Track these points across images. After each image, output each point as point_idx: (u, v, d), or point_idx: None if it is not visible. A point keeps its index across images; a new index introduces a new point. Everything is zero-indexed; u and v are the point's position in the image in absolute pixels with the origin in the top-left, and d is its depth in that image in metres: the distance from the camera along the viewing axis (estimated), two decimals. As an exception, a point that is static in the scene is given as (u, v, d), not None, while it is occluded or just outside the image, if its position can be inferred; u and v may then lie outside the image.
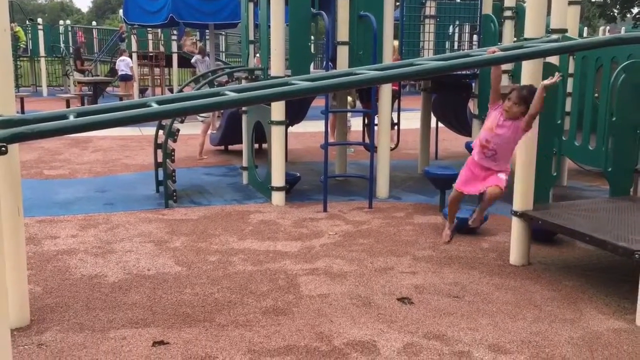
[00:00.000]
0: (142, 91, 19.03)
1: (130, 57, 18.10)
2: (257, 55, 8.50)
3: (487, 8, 8.02)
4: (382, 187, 7.43)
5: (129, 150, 10.82)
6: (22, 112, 13.91)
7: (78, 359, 3.44)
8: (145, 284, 4.59)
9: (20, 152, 3.93)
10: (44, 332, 3.77)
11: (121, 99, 16.19)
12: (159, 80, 19.53)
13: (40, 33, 21.92)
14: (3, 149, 2.47)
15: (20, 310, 3.83)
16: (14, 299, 3.65)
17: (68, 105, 15.25)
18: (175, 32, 19.47)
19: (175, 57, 19.88)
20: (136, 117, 3.31)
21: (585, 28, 23.40)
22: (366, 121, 9.30)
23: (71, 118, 3.18)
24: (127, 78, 17.57)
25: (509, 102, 3.91)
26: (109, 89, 20.43)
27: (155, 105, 3.37)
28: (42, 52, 21.81)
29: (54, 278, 4.68)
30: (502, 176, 4.00)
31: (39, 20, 23.99)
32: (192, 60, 16.76)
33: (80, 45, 22.08)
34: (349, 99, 9.99)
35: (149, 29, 18.69)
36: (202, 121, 10.08)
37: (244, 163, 8.17)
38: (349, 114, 9.75)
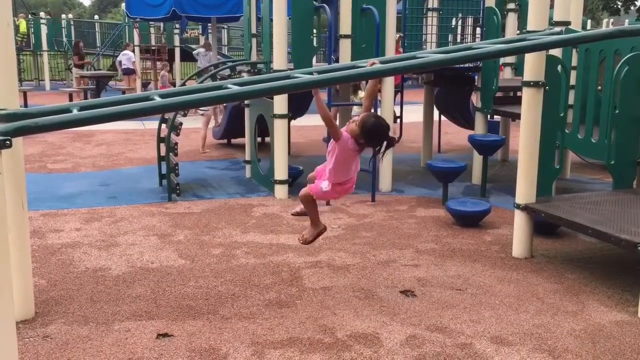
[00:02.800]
0: (145, 85, 19.03)
1: (133, 51, 18.12)
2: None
3: (490, 1, 7.99)
4: (385, 180, 7.44)
5: (132, 144, 10.83)
6: (25, 106, 13.92)
7: (83, 351, 3.46)
8: (149, 277, 4.61)
9: (24, 146, 3.94)
10: (49, 324, 3.80)
11: (124, 93, 16.22)
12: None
13: (43, 27, 21.88)
14: (7, 142, 2.47)
15: (25, 303, 3.86)
16: (19, 291, 3.67)
17: (71, 99, 15.26)
18: (177, 25, 19.43)
19: (177, 51, 19.86)
20: (139, 111, 3.32)
21: (589, 21, 23.30)
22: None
23: (75, 111, 3.18)
24: (129, 72, 17.64)
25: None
26: (111, 82, 20.43)
27: (158, 99, 3.38)
28: (44, 46, 21.79)
29: (58, 271, 4.71)
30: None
31: (42, 14, 23.94)
32: (194, 52, 16.75)
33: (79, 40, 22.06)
34: (361, 94, 9.94)
35: (151, 22, 18.67)
36: (202, 114, 10.09)
37: (247, 156, 8.17)
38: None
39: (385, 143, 3.71)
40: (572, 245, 5.46)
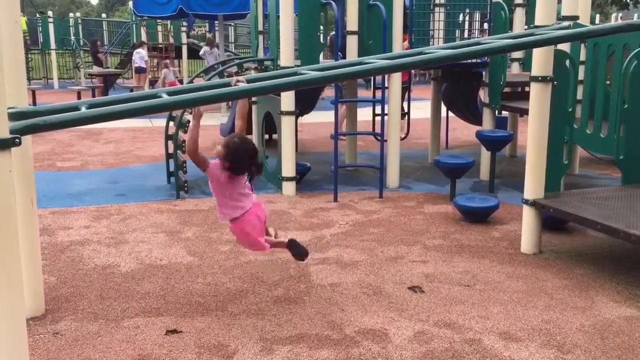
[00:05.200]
0: (152, 83, 19.12)
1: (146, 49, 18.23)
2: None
3: (498, -4, 7.95)
4: (393, 176, 7.43)
5: (140, 141, 10.87)
6: (34, 104, 14.00)
7: (93, 348, 3.49)
8: (158, 273, 4.63)
9: (33, 144, 3.96)
10: (59, 321, 3.83)
11: (132, 91, 16.28)
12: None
13: (51, 26, 21.99)
14: (17, 140, 2.50)
15: (35, 300, 3.88)
16: (29, 288, 3.70)
17: (79, 97, 15.32)
18: (184, 23, 19.48)
19: (184, 49, 19.91)
20: (147, 108, 3.34)
21: (598, 15, 23.16)
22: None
23: (83, 109, 3.21)
24: (141, 70, 17.82)
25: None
26: (119, 80, 20.53)
27: (166, 96, 3.40)
28: (52, 44, 21.90)
29: (67, 268, 4.74)
30: None
31: (50, 12, 24.05)
32: (201, 53, 16.80)
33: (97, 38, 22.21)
34: None
35: (158, 20, 18.74)
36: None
37: (255, 154, 8.17)
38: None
39: (252, 168, 3.67)
40: (581, 240, 5.44)
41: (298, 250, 4.07)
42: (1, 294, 2.48)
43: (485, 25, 8.29)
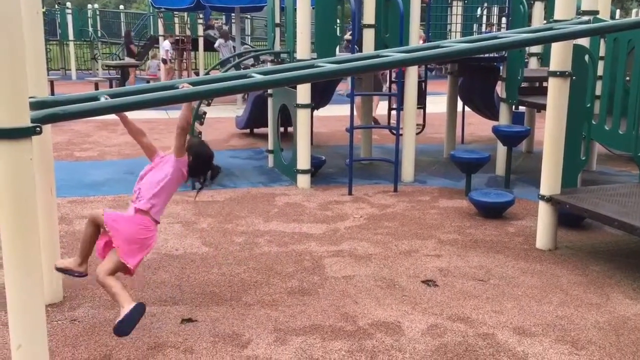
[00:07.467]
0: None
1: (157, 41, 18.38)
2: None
3: (517, -10, 7.89)
4: (408, 170, 7.42)
5: (157, 133, 10.93)
6: (52, 95, 14.12)
7: (109, 335, 3.53)
8: (174, 263, 4.68)
9: (52, 134, 4.01)
10: (77, 308, 3.88)
11: (148, 82, 16.41)
12: (185, 64, 19.66)
13: (69, 17, 22.15)
14: (38, 129, 2.53)
15: (54, 287, 3.94)
16: (48, 276, 3.74)
17: (97, 89, 15.44)
18: (201, 15, 19.53)
19: (201, 41, 19.95)
20: (165, 99, 3.37)
21: (618, 10, 22.87)
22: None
23: (102, 100, 3.24)
24: (163, 62, 18.12)
25: None
26: (136, 72, 20.65)
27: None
28: (71, 35, 22.06)
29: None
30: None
31: (68, 4, 24.21)
32: (216, 45, 16.83)
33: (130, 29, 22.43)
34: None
35: (175, 12, 18.81)
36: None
37: (270, 146, 8.21)
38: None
39: (209, 172, 3.75)
40: (597, 237, 5.40)
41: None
42: (21, 281, 2.52)
43: (504, 20, 8.23)
